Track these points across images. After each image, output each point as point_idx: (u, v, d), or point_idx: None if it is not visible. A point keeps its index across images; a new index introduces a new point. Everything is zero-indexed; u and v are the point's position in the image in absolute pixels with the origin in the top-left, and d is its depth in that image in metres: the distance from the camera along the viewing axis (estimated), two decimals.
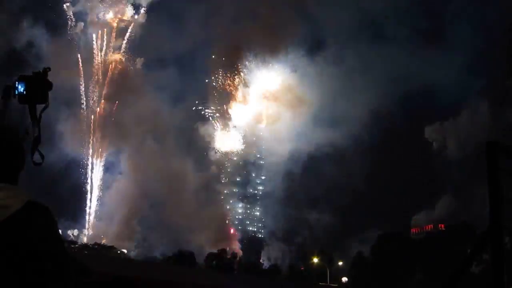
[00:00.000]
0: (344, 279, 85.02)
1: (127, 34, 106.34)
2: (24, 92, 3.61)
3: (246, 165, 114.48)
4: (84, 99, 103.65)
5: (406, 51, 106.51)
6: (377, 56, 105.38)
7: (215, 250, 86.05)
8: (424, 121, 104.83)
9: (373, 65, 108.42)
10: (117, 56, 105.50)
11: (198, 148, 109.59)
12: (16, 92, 3.63)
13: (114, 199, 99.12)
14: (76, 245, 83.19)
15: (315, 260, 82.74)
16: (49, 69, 3.70)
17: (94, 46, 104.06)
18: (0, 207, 2.72)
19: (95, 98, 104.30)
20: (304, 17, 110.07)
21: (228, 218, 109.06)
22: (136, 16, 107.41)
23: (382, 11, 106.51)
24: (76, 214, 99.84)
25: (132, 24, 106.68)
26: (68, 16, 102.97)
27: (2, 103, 3.63)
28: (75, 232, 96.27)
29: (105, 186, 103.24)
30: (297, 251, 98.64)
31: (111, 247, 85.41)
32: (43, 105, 3.60)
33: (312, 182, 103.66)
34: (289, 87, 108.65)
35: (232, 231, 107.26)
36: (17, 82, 3.64)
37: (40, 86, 3.62)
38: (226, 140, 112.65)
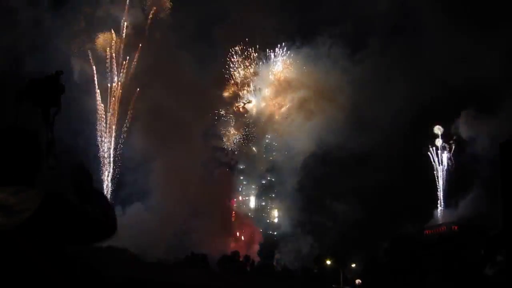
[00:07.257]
0: (358, 281, 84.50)
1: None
2: (37, 96, 3.61)
3: (265, 161, 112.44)
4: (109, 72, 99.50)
5: (448, 44, 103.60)
6: (419, 50, 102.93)
7: (227, 253, 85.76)
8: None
9: (412, 58, 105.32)
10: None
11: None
12: (29, 96, 3.63)
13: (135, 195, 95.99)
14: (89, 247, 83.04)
15: (328, 262, 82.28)
16: (62, 72, 3.69)
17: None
18: (17, 212, 2.72)
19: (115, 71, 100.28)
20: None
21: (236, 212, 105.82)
22: None
23: (423, 4, 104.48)
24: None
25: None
26: None
27: (15, 106, 3.64)
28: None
29: (125, 180, 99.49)
30: (311, 253, 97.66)
31: (125, 250, 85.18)
32: (55, 109, 3.61)
33: (335, 180, 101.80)
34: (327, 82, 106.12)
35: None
36: (29, 86, 3.65)
37: (52, 89, 3.62)
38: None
